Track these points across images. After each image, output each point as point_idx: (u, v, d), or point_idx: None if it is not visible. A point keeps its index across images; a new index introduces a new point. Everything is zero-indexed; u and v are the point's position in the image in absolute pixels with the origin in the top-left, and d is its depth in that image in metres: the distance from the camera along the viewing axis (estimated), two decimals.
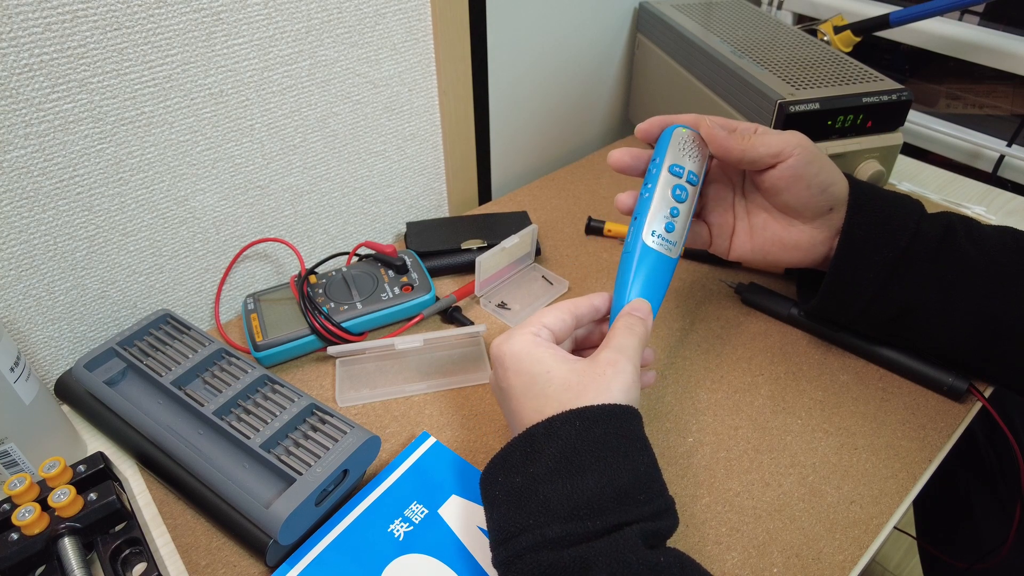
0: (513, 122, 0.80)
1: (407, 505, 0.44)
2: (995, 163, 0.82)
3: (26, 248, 0.49)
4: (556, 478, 0.35)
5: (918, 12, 0.73)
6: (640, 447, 0.37)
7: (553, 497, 0.34)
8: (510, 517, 0.35)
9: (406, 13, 0.62)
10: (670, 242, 0.45)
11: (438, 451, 0.48)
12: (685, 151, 0.47)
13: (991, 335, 0.46)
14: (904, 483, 0.46)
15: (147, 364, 0.50)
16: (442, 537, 0.42)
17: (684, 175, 0.46)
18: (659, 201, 0.45)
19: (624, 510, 0.34)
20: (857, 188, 0.48)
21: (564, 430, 0.36)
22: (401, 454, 0.47)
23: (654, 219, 0.45)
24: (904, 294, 0.47)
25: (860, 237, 0.47)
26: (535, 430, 0.37)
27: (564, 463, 0.35)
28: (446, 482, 0.45)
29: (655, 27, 0.82)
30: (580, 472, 0.35)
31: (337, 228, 0.69)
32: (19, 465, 0.45)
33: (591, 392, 0.37)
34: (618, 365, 0.39)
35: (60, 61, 0.45)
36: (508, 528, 0.35)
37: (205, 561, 0.43)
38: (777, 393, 0.53)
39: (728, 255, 0.52)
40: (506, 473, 0.37)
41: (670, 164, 0.46)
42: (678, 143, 0.47)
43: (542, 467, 0.35)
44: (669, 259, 0.45)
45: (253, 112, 0.57)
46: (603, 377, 0.38)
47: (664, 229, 0.45)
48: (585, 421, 0.36)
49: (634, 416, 0.38)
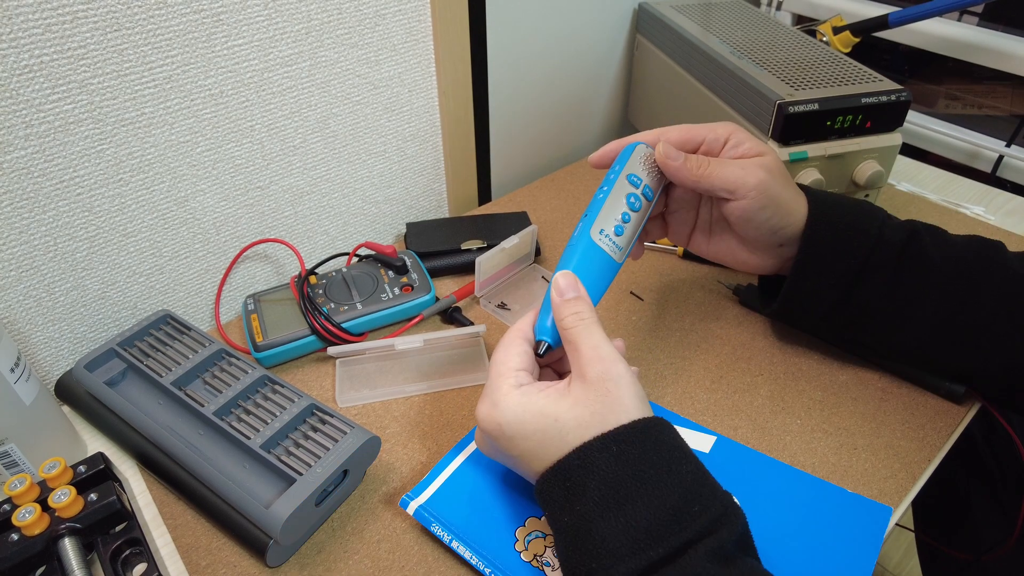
0: (513, 122, 0.80)
1: None
2: (994, 163, 0.82)
3: (26, 249, 0.50)
4: (607, 514, 0.33)
5: (917, 13, 0.73)
6: (680, 456, 0.35)
7: (609, 535, 0.33)
8: (573, 558, 0.34)
9: (406, 14, 0.62)
10: (617, 246, 0.43)
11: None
12: (645, 167, 0.46)
13: (953, 340, 0.46)
14: (903, 483, 0.46)
15: (147, 365, 0.50)
16: None
17: (641, 186, 0.45)
18: (612, 203, 0.44)
19: (682, 527, 0.32)
20: (816, 201, 0.47)
21: (601, 459, 0.34)
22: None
23: (604, 219, 0.43)
24: (867, 299, 0.47)
25: (821, 246, 0.46)
26: (568, 462, 0.35)
27: (611, 495, 0.34)
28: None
29: (654, 28, 0.82)
30: (629, 501, 0.33)
31: (337, 229, 0.69)
32: (19, 466, 0.45)
33: (611, 417, 0.35)
34: (612, 374, 0.36)
35: (60, 62, 0.45)
36: (574, 568, 0.34)
37: (205, 561, 0.43)
38: (776, 393, 0.53)
39: (687, 246, 0.52)
40: (551, 509, 0.36)
41: (628, 173, 0.45)
42: (639, 158, 0.46)
43: (589, 504, 0.34)
44: (613, 262, 0.43)
45: (253, 113, 0.57)
46: (610, 395, 0.36)
47: (613, 231, 0.43)
48: (620, 445, 0.35)
49: (663, 426, 0.36)
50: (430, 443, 0.50)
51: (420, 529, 0.44)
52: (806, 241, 0.46)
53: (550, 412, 0.37)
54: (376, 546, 0.43)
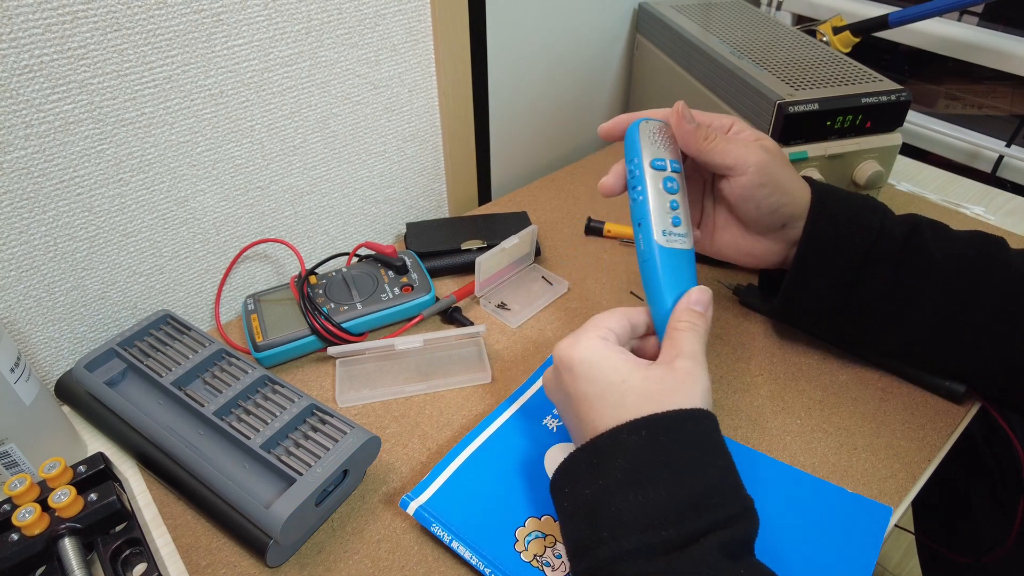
0: (513, 122, 0.80)
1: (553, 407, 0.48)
2: (994, 163, 0.82)
3: (26, 249, 0.50)
4: (627, 490, 0.34)
5: (917, 13, 0.73)
6: (710, 449, 0.36)
7: (625, 509, 0.33)
8: (584, 530, 0.34)
9: (406, 14, 0.62)
10: (682, 235, 0.44)
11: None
12: (658, 142, 0.46)
13: (953, 337, 0.46)
14: (903, 483, 0.46)
15: (147, 365, 0.50)
16: None
17: (667, 166, 0.45)
18: (655, 199, 0.44)
19: (699, 516, 0.33)
20: (819, 192, 0.47)
21: (631, 441, 0.35)
22: (545, 362, 0.55)
23: (658, 219, 0.44)
24: (868, 294, 0.47)
25: (822, 240, 0.46)
26: (599, 442, 0.36)
27: (634, 474, 0.34)
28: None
29: (654, 28, 0.82)
30: (651, 483, 0.34)
31: (337, 229, 0.69)
32: (19, 466, 0.45)
33: (673, 399, 0.36)
34: (696, 373, 0.38)
35: (60, 62, 0.45)
36: (583, 541, 0.34)
37: (205, 561, 0.43)
38: (776, 393, 0.53)
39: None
40: (572, 485, 0.37)
41: (650, 160, 0.45)
42: (648, 136, 0.46)
43: (611, 479, 0.35)
44: (688, 252, 0.44)
45: (253, 113, 0.57)
46: (684, 385, 0.37)
47: (672, 224, 0.44)
48: (652, 430, 0.35)
49: (707, 418, 0.37)
50: (430, 443, 0.50)
51: (420, 529, 0.44)
52: (807, 235, 0.46)
53: (623, 371, 0.38)
54: (376, 546, 0.43)
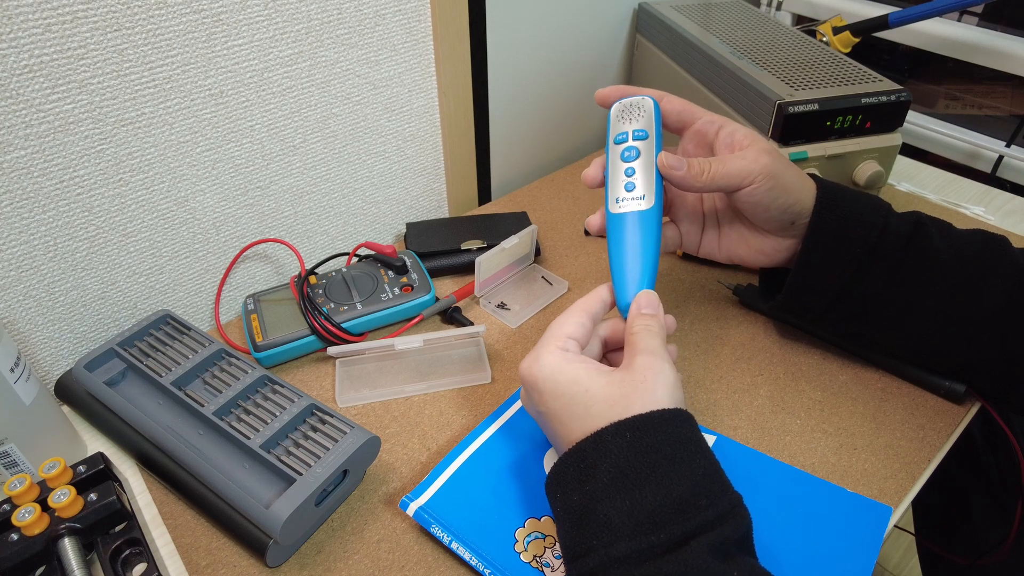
0: (513, 122, 0.80)
1: None
2: (994, 163, 0.82)
3: (26, 249, 0.50)
4: (614, 495, 0.34)
5: (917, 13, 0.73)
6: (695, 450, 0.36)
7: (613, 515, 0.34)
8: (575, 536, 0.35)
9: (406, 14, 0.62)
10: (637, 197, 0.44)
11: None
12: (624, 117, 0.47)
13: (955, 334, 0.46)
14: (903, 483, 0.46)
15: (147, 365, 0.50)
16: None
17: (629, 137, 0.46)
18: (613, 171, 0.46)
19: (687, 518, 0.33)
20: (825, 187, 0.47)
21: (615, 443, 0.35)
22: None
23: (614, 188, 0.45)
24: (871, 289, 0.47)
25: (826, 235, 0.46)
26: (585, 445, 0.36)
27: (620, 478, 0.34)
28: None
29: (654, 28, 0.82)
30: (637, 486, 0.34)
31: (337, 229, 0.69)
32: (19, 465, 0.45)
33: (637, 402, 0.37)
34: (655, 367, 0.38)
35: (60, 62, 0.45)
36: (575, 548, 0.34)
37: (205, 561, 0.43)
38: (776, 393, 0.53)
39: (697, 253, 0.53)
40: (563, 490, 0.37)
41: (613, 136, 0.47)
42: (617, 115, 0.48)
43: (598, 484, 0.35)
44: (644, 212, 0.44)
45: (253, 113, 0.57)
46: (645, 383, 0.37)
47: (625, 190, 0.45)
48: (635, 432, 0.36)
49: (684, 419, 0.37)
50: (430, 443, 0.50)
51: (420, 529, 0.44)
52: (813, 227, 0.46)
53: (583, 382, 0.38)
54: (376, 546, 0.43)
